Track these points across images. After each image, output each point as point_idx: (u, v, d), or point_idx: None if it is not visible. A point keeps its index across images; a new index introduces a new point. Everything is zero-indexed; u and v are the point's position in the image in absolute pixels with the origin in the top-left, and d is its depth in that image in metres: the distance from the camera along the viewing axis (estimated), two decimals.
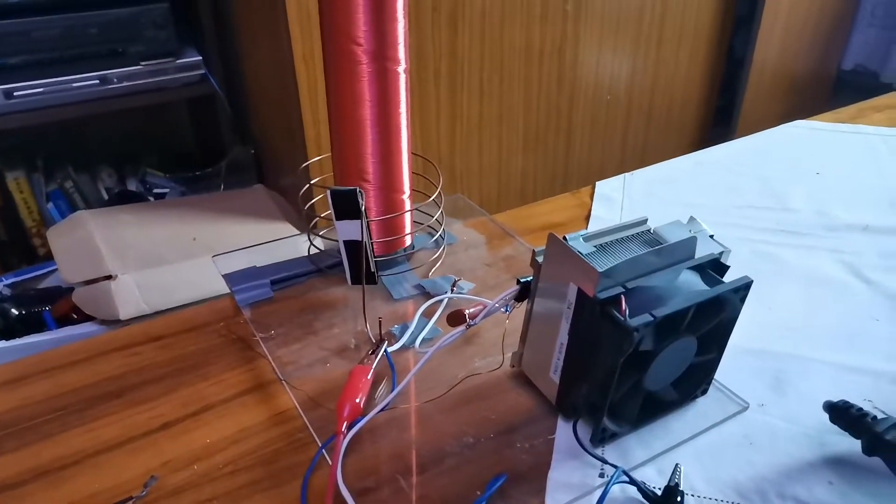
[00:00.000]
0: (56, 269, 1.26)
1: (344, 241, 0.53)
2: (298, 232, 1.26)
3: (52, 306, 1.19)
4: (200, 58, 1.36)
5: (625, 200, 0.73)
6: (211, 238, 1.23)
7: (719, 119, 1.95)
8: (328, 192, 0.51)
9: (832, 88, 2.22)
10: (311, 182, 0.60)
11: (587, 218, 0.70)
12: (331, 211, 0.51)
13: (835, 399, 0.44)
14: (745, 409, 0.46)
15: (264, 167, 1.55)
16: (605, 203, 0.73)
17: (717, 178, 0.78)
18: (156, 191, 1.46)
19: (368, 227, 0.52)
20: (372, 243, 0.53)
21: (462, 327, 0.47)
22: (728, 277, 0.43)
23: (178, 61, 1.33)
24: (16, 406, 0.46)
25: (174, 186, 1.47)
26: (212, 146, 1.58)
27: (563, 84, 1.58)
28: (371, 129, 0.53)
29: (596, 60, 1.60)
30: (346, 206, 0.51)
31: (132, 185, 1.49)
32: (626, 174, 0.79)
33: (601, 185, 0.76)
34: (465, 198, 0.72)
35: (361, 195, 0.50)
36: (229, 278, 0.58)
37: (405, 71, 0.53)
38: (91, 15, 1.22)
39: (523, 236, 0.66)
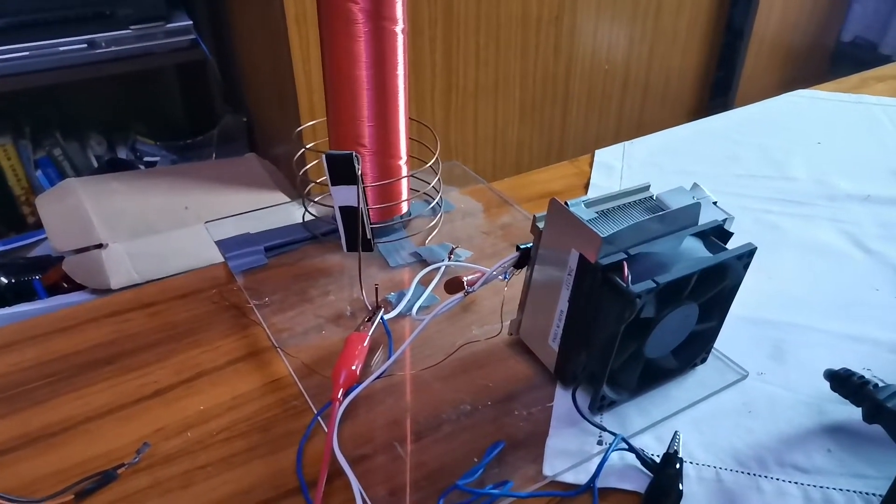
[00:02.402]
0: (46, 238, 1.24)
1: (339, 208, 0.52)
2: (290, 199, 1.25)
3: (42, 275, 1.18)
4: (191, 22, 1.33)
5: (624, 169, 0.72)
6: (203, 207, 1.22)
7: (717, 90, 1.93)
8: (324, 156, 0.49)
9: (831, 60, 2.20)
10: (306, 147, 0.59)
11: (586, 186, 0.69)
12: (326, 176, 0.50)
13: (834, 367, 0.43)
14: (745, 377, 0.46)
15: (256, 135, 1.52)
16: (604, 171, 0.72)
17: (717, 146, 0.77)
18: (146, 159, 1.44)
19: (365, 193, 0.51)
20: (368, 210, 0.52)
21: (460, 294, 0.46)
22: (730, 245, 0.43)
23: (167, 25, 1.30)
24: (4, 372, 0.45)
25: (165, 154, 1.45)
26: (203, 114, 1.55)
27: (560, 53, 1.55)
28: (367, 91, 0.52)
29: (593, 30, 1.57)
30: (342, 172, 0.50)
31: (122, 153, 1.46)
32: (626, 142, 0.78)
33: (600, 154, 0.75)
34: (462, 165, 0.71)
35: (358, 160, 0.49)
36: (222, 245, 0.56)
37: (403, 31, 0.51)
38: None
39: (521, 204, 0.65)
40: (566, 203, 0.42)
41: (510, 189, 0.68)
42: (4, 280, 1.13)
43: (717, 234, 0.43)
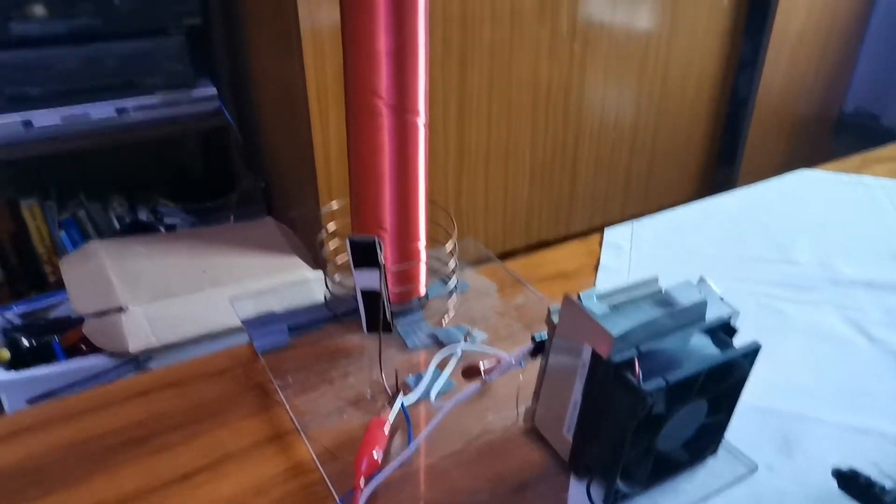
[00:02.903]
0: (66, 299, 1.27)
1: (361, 290, 0.55)
2: (306, 265, 1.28)
3: (61, 336, 1.20)
4: (215, 90, 1.39)
5: (633, 250, 0.75)
6: (220, 270, 1.25)
7: (723, 156, 1.98)
8: (347, 241, 0.52)
9: (834, 130, 2.25)
10: (326, 229, 0.62)
11: (596, 266, 0.72)
12: (349, 258, 0.53)
13: (842, 462, 0.45)
14: (754, 470, 0.47)
15: (274, 198, 1.57)
16: (613, 251, 0.74)
17: (723, 227, 0.79)
18: (166, 220, 1.48)
19: (386, 276, 0.53)
20: (388, 292, 0.55)
21: (477, 384, 0.48)
22: (737, 339, 0.45)
23: (193, 93, 1.36)
24: (40, 453, 0.46)
25: (185, 217, 1.49)
26: (223, 177, 1.60)
27: (569, 120, 1.61)
28: (390, 179, 0.55)
29: (601, 98, 1.63)
30: (365, 256, 0.53)
31: (143, 215, 1.51)
32: (634, 221, 0.80)
33: (609, 233, 0.78)
34: (476, 242, 0.74)
35: (380, 246, 0.52)
36: (248, 324, 0.59)
37: (425, 124, 0.54)
38: (110, 46, 1.25)
39: (534, 284, 0.67)
40: (579, 296, 0.44)
41: (523, 268, 0.70)
42: (26, 342, 1.16)
43: (723, 330, 0.45)
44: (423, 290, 0.62)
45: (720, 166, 1.98)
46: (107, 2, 1.21)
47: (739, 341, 0.44)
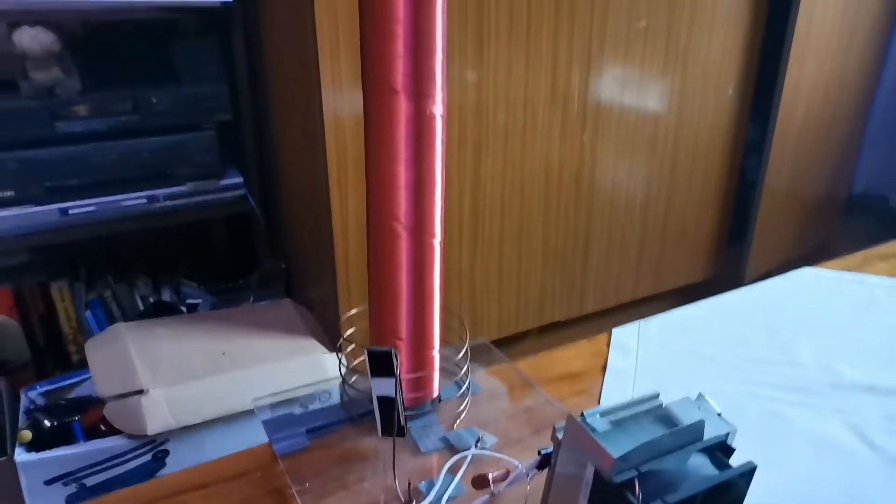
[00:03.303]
0: (88, 378, 1.31)
1: (377, 397, 0.58)
2: (322, 347, 1.31)
3: (81, 416, 1.23)
4: (241, 179, 1.46)
5: (639, 350, 0.77)
6: (239, 353, 1.28)
7: (733, 238, 2.01)
8: (366, 352, 0.56)
9: (843, 210, 2.29)
10: (343, 337, 0.65)
11: (603, 367, 0.74)
12: (367, 368, 0.56)
13: None
14: None
15: (293, 280, 1.61)
16: (620, 352, 0.77)
17: (727, 327, 0.82)
18: (189, 301, 1.53)
19: (401, 384, 0.56)
20: (403, 399, 0.58)
21: (486, 497, 0.50)
22: (737, 439, 0.47)
23: (220, 182, 1.43)
24: None
25: (206, 297, 1.54)
26: (245, 259, 1.66)
27: (581, 203, 1.66)
28: (406, 293, 0.59)
29: (611, 184, 1.68)
30: (382, 365, 0.56)
31: (166, 295, 1.56)
32: (641, 321, 0.83)
33: (617, 333, 0.81)
34: (488, 342, 0.77)
35: (396, 357, 0.55)
36: (267, 426, 0.62)
37: (440, 243, 0.58)
38: (144, 142, 1.33)
39: (543, 384, 0.70)
40: (583, 414, 0.47)
41: (533, 369, 0.73)
42: (47, 423, 1.19)
43: (721, 449, 0.47)
44: (436, 393, 0.65)
45: (731, 246, 2.02)
46: (145, 101, 1.29)
47: (739, 455, 0.47)
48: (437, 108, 0.55)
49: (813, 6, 1.72)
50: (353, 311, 0.68)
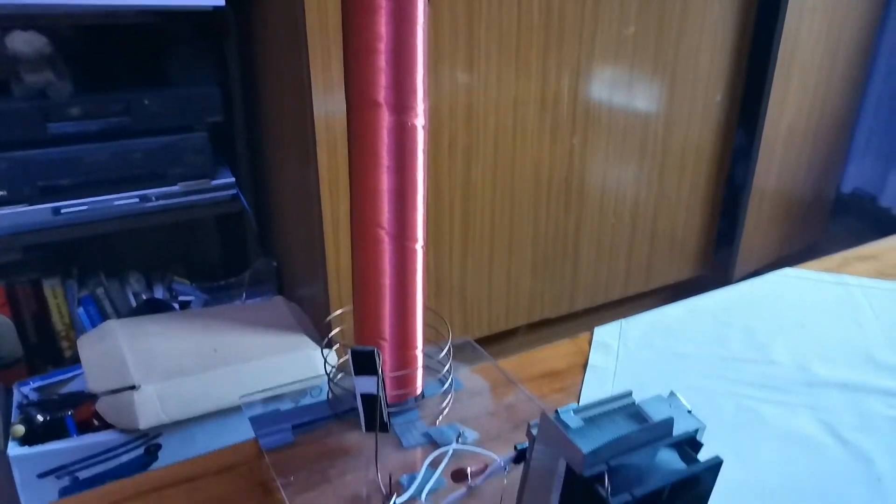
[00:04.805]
0: (80, 373, 1.32)
1: (361, 394, 0.59)
2: (313, 343, 1.32)
3: (74, 411, 1.24)
4: (233, 179, 1.47)
5: (620, 349, 0.79)
6: (230, 349, 1.30)
7: (722, 239, 2.04)
8: (349, 351, 0.57)
9: (832, 211, 2.31)
10: (329, 336, 0.67)
11: (585, 365, 0.76)
12: (350, 366, 0.58)
13: None
14: None
15: (284, 277, 1.63)
16: (602, 350, 0.79)
17: (706, 326, 0.84)
18: (181, 298, 1.54)
19: (384, 382, 0.58)
20: (386, 396, 0.59)
21: (464, 489, 0.52)
22: (711, 434, 0.48)
23: (212, 182, 1.45)
24: None
25: (199, 295, 1.55)
26: (237, 257, 1.67)
27: (570, 208, 1.67)
28: (390, 296, 0.60)
29: (601, 186, 1.70)
30: (365, 364, 0.57)
31: (159, 292, 1.57)
32: (623, 320, 0.85)
33: (598, 332, 0.82)
34: (473, 343, 0.79)
35: (379, 356, 0.57)
36: (254, 422, 0.63)
37: (422, 247, 0.60)
38: (136, 142, 1.34)
39: (525, 382, 0.71)
40: (557, 411, 0.49)
41: (516, 367, 0.75)
42: (40, 418, 1.20)
43: (689, 444, 0.49)
44: (419, 390, 0.66)
45: (719, 248, 2.04)
46: (137, 103, 1.31)
47: (710, 450, 0.48)
48: (419, 120, 0.57)
49: (800, 12, 1.75)
50: (340, 311, 0.69)
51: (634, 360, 0.78)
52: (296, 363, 1.32)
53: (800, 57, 1.81)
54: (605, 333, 0.82)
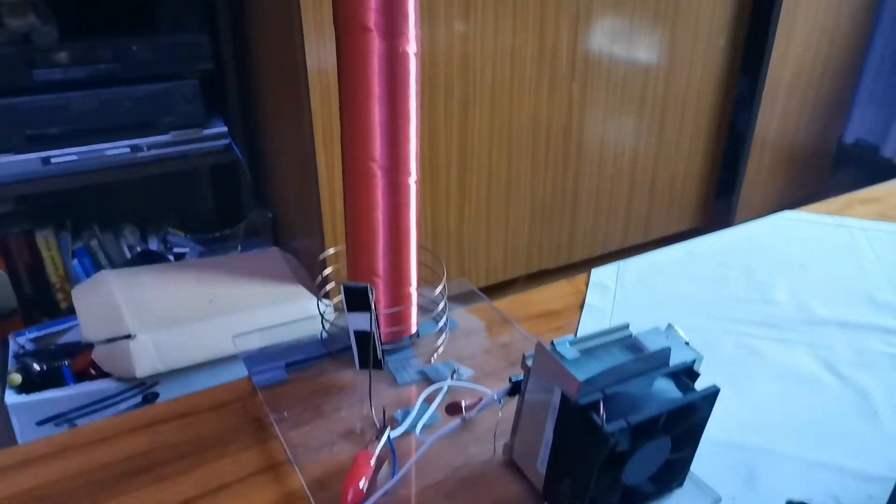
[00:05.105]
0: (76, 325, 1.32)
1: (354, 331, 0.58)
2: (309, 293, 1.32)
3: (71, 361, 1.24)
4: (226, 128, 1.45)
5: (618, 289, 0.78)
6: (226, 300, 1.29)
7: (722, 190, 2.02)
8: (342, 287, 0.56)
9: (833, 161, 2.29)
10: (323, 275, 0.66)
11: (582, 305, 0.75)
12: (342, 301, 0.57)
13: (801, 495, 0.48)
14: (718, 501, 0.50)
15: (280, 229, 1.61)
16: (599, 291, 0.78)
17: (706, 268, 0.83)
18: (176, 250, 1.53)
19: (377, 318, 0.57)
20: (379, 333, 0.58)
21: (458, 420, 0.51)
22: (709, 370, 0.48)
23: (204, 131, 1.42)
24: (52, 480, 0.50)
25: (193, 246, 1.54)
26: (231, 209, 1.66)
27: (569, 159, 1.65)
28: (383, 232, 0.59)
29: (600, 136, 1.67)
30: (358, 301, 0.56)
31: (153, 244, 1.56)
32: (621, 262, 0.84)
33: (596, 273, 0.81)
34: (469, 283, 0.78)
35: (372, 291, 0.56)
36: (247, 360, 0.63)
37: (416, 182, 0.59)
38: (126, 90, 1.31)
39: (522, 322, 0.71)
40: (553, 342, 0.48)
41: (512, 307, 0.74)
42: (36, 367, 1.20)
43: (686, 374, 0.49)
44: (414, 329, 0.66)
45: (719, 199, 2.02)
46: (125, 49, 1.27)
47: (708, 382, 0.48)
48: (410, 47, 0.55)
49: None
50: (333, 251, 0.68)
51: (632, 300, 0.77)
52: (292, 314, 1.31)
53: (805, 1, 1.77)
54: (603, 274, 0.81)
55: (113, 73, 1.29)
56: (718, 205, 2.01)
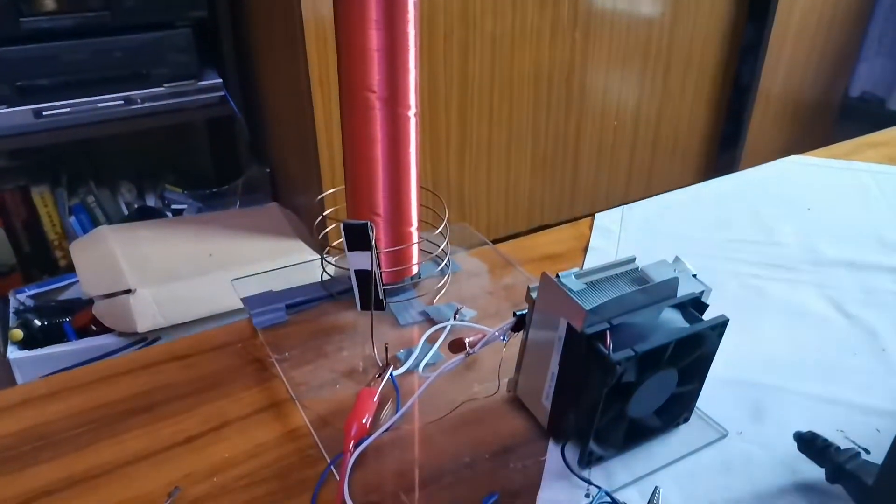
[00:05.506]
0: (76, 282, 1.31)
1: (355, 271, 0.57)
2: (310, 249, 1.31)
3: (72, 317, 1.24)
4: (221, 80, 1.42)
5: (622, 233, 0.77)
6: (226, 255, 1.28)
7: (726, 144, 1.99)
8: (341, 225, 0.55)
9: (838, 115, 2.25)
10: (325, 213, 0.64)
11: (585, 249, 0.74)
12: (343, 241, 0.56)
13: (809, 429, 0.47)
14: (725, 436, 0.50)
15: (279, 185, 1.60)
16: (603, 234, 0.77)
17: (711, 212, 0.82)
18: (174, 206, 1.51)
19: (378, 257, 0.56)
20: (381, 272, 0.57)
21: (462, 355, 0.51)
22: (715, 310, 0.47)
23: (199, 83, 1.39)
24: (52, 419, 0.50)
25: (191, 203, 1.53)
26: (229, 164, 1.63)
27: (571, 110, 1.62)
28: (382, 167, 0.57)
29: (603, 87, 1.64)
30: (358, 239, 0.55)
31: (151, 201, 1.54)
32: (625, 206, 0.83)
33: (600, 217, 0.80)
34: (471, 227, 0.76)
35: (372, 229, 0.54)
36: (247, 302, 0.62)
37: (416, 115, 0.57)
38: (117, 40, 1.28)
39: (524, 265, 0.70)
40: (558, 275, 0.47)
41: (515, 250, 0.73)
42: (37, 322, 1.20)
43: (694, 306, 0.48)
44: (415, 271, 0.64)
45: (723, 152, 2.00)
46: None
47: (712, 316, 0.47)
48: None
49: None
50: (333, 190, 0.67)
51: (637, 243, 0.75)
52: (293, 268, 1.30)
53: None
54: (607, 218, 0.80)
55: (103, 22, 1.25)
56: (722, 159, 1.99)
